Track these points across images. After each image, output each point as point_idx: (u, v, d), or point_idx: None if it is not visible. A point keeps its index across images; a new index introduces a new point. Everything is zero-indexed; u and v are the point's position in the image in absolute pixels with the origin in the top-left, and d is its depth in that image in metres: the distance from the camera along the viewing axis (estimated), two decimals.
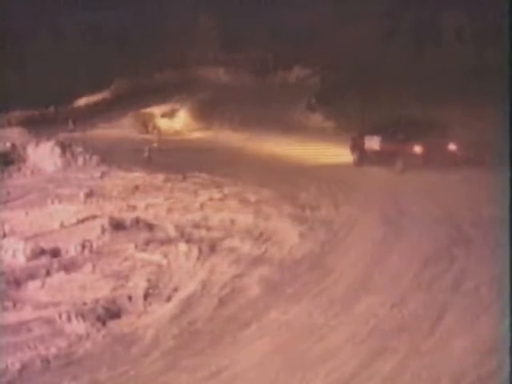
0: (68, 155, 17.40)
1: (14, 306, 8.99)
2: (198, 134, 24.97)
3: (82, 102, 30.88)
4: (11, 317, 8.65)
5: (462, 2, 40.15)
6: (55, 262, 10.34)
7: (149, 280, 9.87)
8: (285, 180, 16.51)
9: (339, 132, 24.79)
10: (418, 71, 35.76)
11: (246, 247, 11.39)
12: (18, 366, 7.59)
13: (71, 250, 10.86)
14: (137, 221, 12.37)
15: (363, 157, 19.23)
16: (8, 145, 17.32)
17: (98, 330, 8.45)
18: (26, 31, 38.61)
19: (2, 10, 34.63)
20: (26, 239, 11.09)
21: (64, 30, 42.01)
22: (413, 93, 29.04)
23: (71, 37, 41.44)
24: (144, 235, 11.72)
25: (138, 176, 16.34)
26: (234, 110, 31.55)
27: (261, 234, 12.07)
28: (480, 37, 38.81)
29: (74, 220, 12.41)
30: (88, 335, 8.33)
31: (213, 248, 11.21)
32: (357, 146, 19.65)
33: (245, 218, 12.92)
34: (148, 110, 30.28)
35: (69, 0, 44.00)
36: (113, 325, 8.63)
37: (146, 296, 9.40)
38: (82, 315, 8.61)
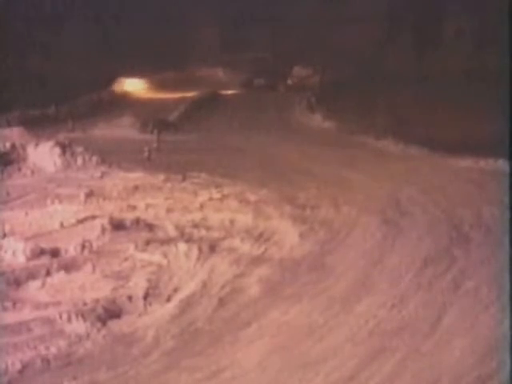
0: (68, 155, 17.35)
1: (14, 306, 8.99)
2: (198, 134, 24.91)
3: (82, 101, 30.84)
4: (11, 317, 8.65)
5: (462, 2, 40.16)
6: (55, 262, 10.34)
7: (149, 280, 9.87)
8: (285, 180, 16.48)
9: (339, 132, 24.78)
10: (418, 71, 35.77)
11: (246, 247, 11.39)
12: (18, 366, 7.59)
13: (71, 250, 10.86)
14: (137, 221, 12.36)
15: None
16: (8, 145, 17.28)
17: (98, 330, 8.45)
18: (26, 31, 38.60)
19: (1, 9, 34.61)
20: (26, 239, 11.08)
21: (64, 30, 41.97)
22: (413, 93, 29.03)
23: (71, 37, 41.38)
24: (144, 235, 11.72)
25: (138, 176, 16.30)
26: (234, 111, 31.56)
27: (261, 234, 12.07)
28: (480, 37, 38.82)
29: (73, 220, 12.40)
30: (88, 335, 8.33)
31: (213, 248, 11.21)
32: None
33: (245, 218, 12.91)
34: None
35: (70, 0, 43.99)
36: (113, 325, 8.63)
37: (145, 296, 9.40)
38: (82, 315, 8.61)
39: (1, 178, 16.03)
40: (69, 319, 8.55)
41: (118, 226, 11.94)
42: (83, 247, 10.94)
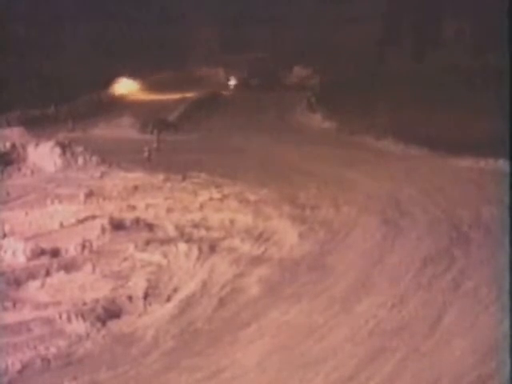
0: (68, 155, 17.34)
1: (14, 306, 8.99)
2: (198, 134, 24.92)
3: (82, 101, 30.85)
4: (11, 317, 8.65)
5: (462, 2, 40.17)
6: (55, 262, 10.34)
7: (149, 280, 9.87)
8: (285, 180, 16.49)
9: (339, 132, 24.77)
10: (418, 71, 35.78)
11: (246, 247, 11.39)
12: (18, 366, 7.59)
13: (71, 250, 10.86)
14: (137, 221, 12.36)
15: None
16: (8, 145, 17.28)
17: (98, 330, 8.45)
18: (26, 31, 38.66)
19: (1, 9, 34.63)
20: (26, 239, 11.08)
21: (64, 31, 42.02)
22: (413, 93, 29.04)
23: (71, 37, 41.43)
24: (144, 235, 11.72)
25: (137, 176, 16.30)
26: (234, 111, 31.56)
27: (260, 234, 12.07)
28: (480, 37, 38.83)
29: (73, 220, 12.40)
30: (88, 335, 8.33)
31: (213, 248, 11.20)
32: None
33: (244, 218, 12.91)
34: None
35: (70, 0, 44.00)
36: (113, 325, 8.63)
37: (145, 296, 9.40)
38: (81, 315, 8.61)
39: (1, 178, 16.03)
40: (68, 319, 8.54)
41: (117, 225, 11.94)
42: (83, 247, 10.94)
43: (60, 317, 8.58)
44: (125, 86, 38.00)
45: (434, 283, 9.88)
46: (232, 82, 39.72)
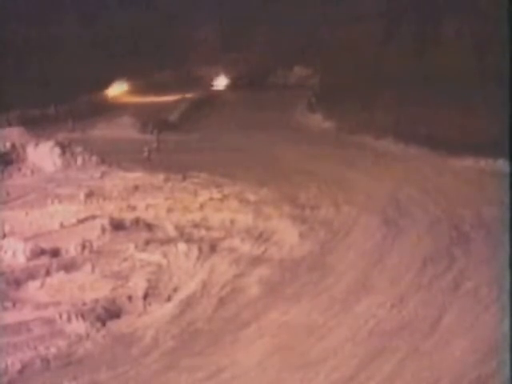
0: (68, 155, 17.35)
1: (14, 306, 8.99)
2: (198, 134, 24.91)
3: (82, 102, 30.83)
4: (11, 317, 8.65)
5: (462, 2, 40.17)
6: (55, 262, 10.34)
7: (149, 280, 9.88)
8: (285, 180, 16.49)
9: (339, 132, 24.77)
10: (418, 71, 35.76)
11: (246, 247, 11.39)
12: (18, 366, 7.60)
13: (71, 250, 10.86)
14: (137, 221, 12.36)
15: None
16: (8, 145, 17.28)
17: (98, 330, 8.46)
18: (25, 31, 38.67)
19: (2, 9, 34.61)
20: (26, 239, 11.08)
21: (64, 31, 42.00)
22: (413, 93, 29.03)
23: (71, 37, 41.41)
24: (144, 235, 11.72)
25: (138, 176, 16.31)
26: (234, 111, 31.57)
27: (261, 234, 12.07)
28: (480, 37, 38.84)
29: (73, 220, 12.40)
30: (88, 335, 8.34)
31: (213, 248, 11.20)
32: None
33: (245, 218, 12.91)
34: None
35: (70, 0, 44.00)
36: (112, 325, 8.63)
37: (145, 296, 9.41)
38: (81, 315, 8.62)
39: (1, 178, 16.03)
40: (68, 319, 8.55)
41: (117, 225, 11.94)
42: (83, 247, 10.94)
43: (60, 317, 8.58)
44: (124, 86, 38.01)
45: (434, 283, 9.89)
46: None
